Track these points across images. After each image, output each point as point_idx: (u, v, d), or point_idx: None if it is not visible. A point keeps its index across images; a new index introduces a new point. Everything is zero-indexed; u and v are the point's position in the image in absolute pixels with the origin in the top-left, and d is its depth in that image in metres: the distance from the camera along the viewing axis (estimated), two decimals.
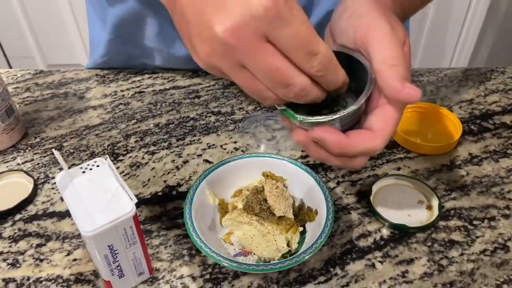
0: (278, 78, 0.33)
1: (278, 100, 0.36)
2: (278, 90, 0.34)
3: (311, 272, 0.46)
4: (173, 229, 0.50)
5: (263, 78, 0.33)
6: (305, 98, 0.35)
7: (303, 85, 0.34)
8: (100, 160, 0.44)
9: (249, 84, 0.35)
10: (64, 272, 0.46)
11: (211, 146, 0.61)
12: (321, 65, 0.33)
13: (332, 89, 0.37)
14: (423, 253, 0.47)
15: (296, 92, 0.34)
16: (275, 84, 0.34)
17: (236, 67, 0.34)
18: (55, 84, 0.74)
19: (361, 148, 0.38)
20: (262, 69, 0.33)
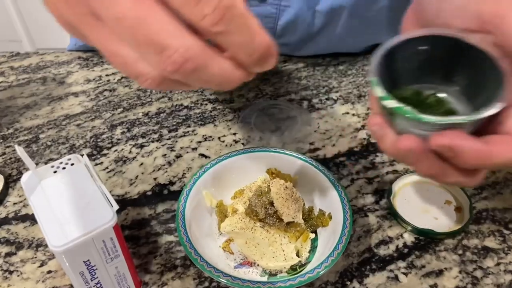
0: (143, 35, 0.20)
1: (158, 79, 0.22)
2: (148, 59, 0.21)
3: (325, 286, 0.39)
4: (164, 235, 0.43)
5: (122, 34, 0.21)
6: (200, 75, 0.21)
7: (187, 48, 0.20)
8: (75, 157, 0.37)
9: (108, 46, 0.22)
10: (36, 286, 0.40)
11: (208, 139, 0.54)
12: (218, 13, 0.19)
13: (250, 61, 0.22)
14: (454, 263, 0.41)
15: (178, 63, 0.20)
16: (140, 45, 0.20)
17: (87, 16, 0.22)
18: (32, 68, 0.67)
19: (505, 159, 0.28)
20: (117, 16, 0.20)
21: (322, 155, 0.52)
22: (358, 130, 0.55)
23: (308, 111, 0.58)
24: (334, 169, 0.50)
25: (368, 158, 0.51)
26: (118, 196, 0.47)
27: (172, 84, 0.23)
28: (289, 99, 0.60)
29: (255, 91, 0.61)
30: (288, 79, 0.64)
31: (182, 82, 0.22)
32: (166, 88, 0.24)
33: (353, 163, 0.51)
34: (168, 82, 0.23)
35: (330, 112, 0.58)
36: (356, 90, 0.62)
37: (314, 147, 0.53)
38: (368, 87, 0.63)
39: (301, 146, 0.53)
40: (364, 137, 0.54)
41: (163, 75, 0.22)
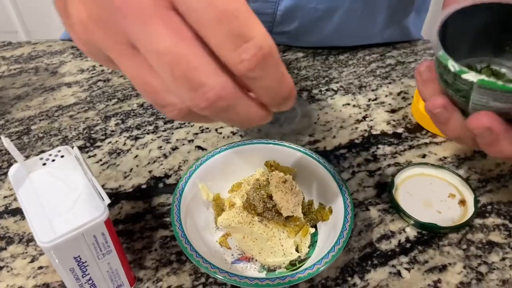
0: (181, 71, 0.20)
1: (184, 111, 0.23)
2: (182, 93, 0.21)
3: (325, 282, 0.38)
4: (159, 230, 0.42)
5: (160, 67, 0.21)
6: (227, 114, 0.22)
7: (222, 88, 0.21)
8: (65, 148, 0.35)
9: (140, 76, 0.23)
10: (27, 282, 0.38)
11: (204, 130, 0.53)
12: (256, 60, 0.20)
13: (273, 103, 0.23)
14: (458, 258, 0.40)
15: (211, 100, 0.21)
16: (177, 80, 0.21)
17: (123, 45, 0.22)
18: (24, 57, 0.65)
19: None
20: (158, 51, 0.20)
21: (322, 147, 0.50)
22: (359, 121, 0.54)
23: (307, 102, 0.57)
24: (334, 162, 0.49)
25: (369, 150, 0.50)
26: (111, 190, 0.46)
27: (196, 117, 0.23)
28: None
29: None
30: (287, 69, 0.62)
31: (206, 117, 0.23)
32: (188, 120, 0.24)
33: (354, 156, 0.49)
34: (193, 115, 0.23)
35: (330, 103, 0.57)
36: (357, 81, 0.60)
37: (314, 139, 0.51)
38: (369, 77, 0.61)
39: (301, 138, 0.51)
40: (365, 128, 0.53)
41: (192, 109, 0.22)
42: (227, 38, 0.19)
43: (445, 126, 0.31)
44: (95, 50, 0.25)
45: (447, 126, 0.31)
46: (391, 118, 0.54)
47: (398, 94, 0.58)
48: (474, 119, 0.28)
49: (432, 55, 0.66)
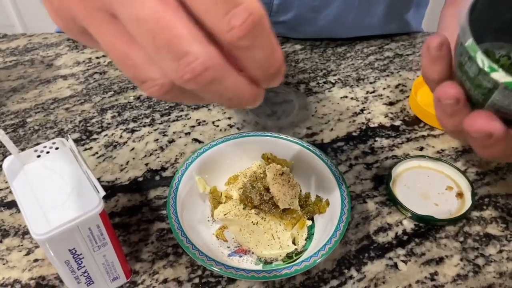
0: (163, 39, 0.19)
1: (166, 87, 0.21)
2: (164, 64, 0.20)
3: (321, 274, 0.38)
4: (156, 223, 0.42)
5: (141, 35, 0.19)
6: (214, 88, 0.20)
7: (208, 57, 0.19)
8: (60, 141, 0.35)
9: (118, 47, 0.21)
10: (23, 275, 0.38)
11: (201, 123, 0.52)
12: (246, 27, 0.18)
13: (263, 77, 0.21)
14: (455, 251, 0.39)
15: (196, 71, 0.19)
16: (159, 50, 0.19)
17: (100, 12, 0.20)
18: (19, 50, 0.64)
19: None
20: (138, 18, 0.19)
21: (319, 140, 0.50)
22: (357, 114, 0.54)
23: (305, 95, 0.56)
24: (332, 154, 0.48)
25: (367, 143, 0.50)
26: (108, 182, 0.45)
27: (178, 94, 0.22)
28: (286, 82, 0.58)
29: None
30: (285, 62, 0.62)
31: (191, 93, 0.21)
32: (170, 99, 0.22)
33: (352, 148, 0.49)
34: (175, 92, 0.21)
35: (328, 95, 0.56)
36: (355, 73, 0.60)
37: (311, 132, 0.51)
38: (367, 70, 0.61)
39: (298, 131, 0.51)
40: (363, 121, 0.53)
41: (175, 83, 0.20)
42: (214, 3, 0.18)
43: (449, 119, 0.29)
44: (70, 21, 0.23)
45: (451, 119, 0.29)
46: (389, 110, 0.54)
47: (396, 86, 0.58)
48: (474, 121, 0.26)
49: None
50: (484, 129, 0.26)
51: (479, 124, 0.26)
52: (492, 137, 0.26)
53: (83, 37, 0.23)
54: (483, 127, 0.26)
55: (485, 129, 0.26)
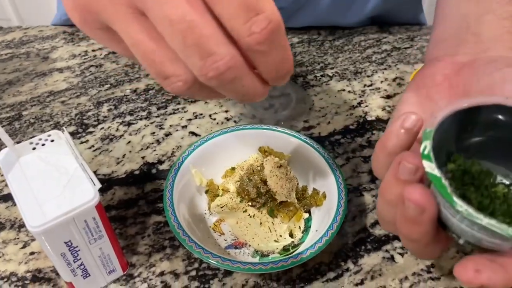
0: (193, 39, 0.20)
1: (189, 83, 0.22)
2: (191, 61, 0.21)
3: (318, 267, 0.38)
4: (152, 216, 0.42)
5: (171, 34, 0.21)
6: (233, 86, 0.22)
7: (232, 58, 0.21)
8: (56, 133, 0.35)
9: (145, 43, 0.22)
10: (19, 268, 0.38)
11: (198, 116, 0.52)
12: (265, 33, 0.20)
13: (274, 78, 0.23)
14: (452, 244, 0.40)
15: (220, 70, 0.21)
16: (188, 48, 0.20)
17: (129, 9, 0.22)
18: (15, 42, 0.64)
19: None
20: (171, 18, 0.20)
21: (316, 133, 0.50)
22: (354, 107, 0.54)
23: (302, 88, 0.56)
24: (329, 148, 0.48)
25: (364, 136, 0.50)
26: (104, 176, 0.45)
27: (197, 90, 0.23)
28: None
29: None
30: None
31: (209, 89, 0.23)
32: (190, 94, 0.24)
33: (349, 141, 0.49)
34: (196, 88, 0.23)
35: (325, 89, 0.56)
36: (352, 67, 0.60)
37: (308, 125, 0.51)
38: (364, 63, 0.61)
39: (295, 124, 0.51)
40: (360, 114, 0.52)
41: (197, 80, 0.22)
42: (238, 10, 0.20)
43: (412, 226, 0.25)
44: (92, 16, 0.23)
45: (416, 226, 0.24)
46: (386, 104, 0.54)
47: (394, 80, 0.58)
48: (465, 273, 0.22)
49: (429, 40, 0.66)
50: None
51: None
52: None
53: (101, 33, 0.24)
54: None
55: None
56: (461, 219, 0.22)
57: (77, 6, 0.23)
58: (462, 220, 0.22)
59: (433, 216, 0.24)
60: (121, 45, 0.24)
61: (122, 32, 0.22)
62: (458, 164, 0.26)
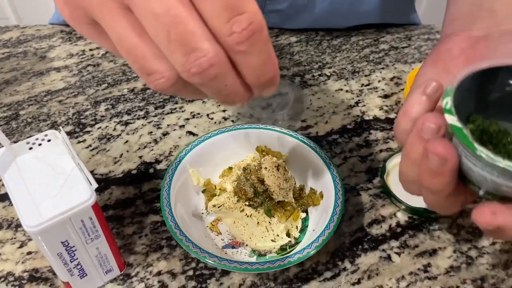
0: (177, 34, 0.20)
1: (172, 80, 0.22)
2: (175, 57, 0.21)
3: (315, 266, 0.38)
4: (150, 215, 0.42)
5: (156, 29, 0.20)
6: (215, 83, 0.22)
7: (215, 55, 0.21)
8: (52, 132, 0.35)
9: (129, 38, 0.22)
10: (16, 268, 0.38)
11: (196, 116, 0.52)
12: (246, 33, 0.20)
13: (256, 84, 0.23)
14: (448, 243, 0.40)
15: (203, 66, 0.21)
16: (172, 43, 0.20)
17: (115, 5, 0.21)
18: (12, 42, 0.64)
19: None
20: (155, 12, 0.20)
21: (314, 133, 0.50)
22: (352, 107, 0.54)
23: (300, 88, 0.56)
24: (326, 147, 0.48)
25: (361, 135, 0.50)
26: (101, 175, 0.45)
27: (180, 87, 0.23)
28: (281, 75, 0.58)
29: None
30: (280, 54, 0.62)
31: (193, 87, 0.23)
32: (172, 92, 0.24)
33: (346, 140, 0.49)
34: (179, 85, 0.23)
35: (323, 88, 0.56)
36: (350, 66, 0.60)
37: (306, 125, 0.51)
38: (362, 62, 0.61)
39: (293, 124, 0.51)
40: (357, 114, 0.53)
41: (180, 76, 0.22)
42: (221, 9, 0.20)
43: (435, 177, 0.26)
44: (79, 10, 0.23)
45: (438, 177, 0.26)
46: (383, 103, 0.54)
47: (391, 79, 0.58)
48: (483, 216, 0.24)
49: (427, 40, 0.66)
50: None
51: (488, 217, 0.24)
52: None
53: (89, 28, 0.24)
54: (494, 221, 0.24)
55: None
56: (482, 167, 0.24)
57: (66, 1, 0.23)
58: (483, 167, 0.24)
59: (455, 166, 0.25)
60: (108, 41, 0.24)
61: (108, 27, 0.22)
62: (477, 124, 0.27)
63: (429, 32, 0.68)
